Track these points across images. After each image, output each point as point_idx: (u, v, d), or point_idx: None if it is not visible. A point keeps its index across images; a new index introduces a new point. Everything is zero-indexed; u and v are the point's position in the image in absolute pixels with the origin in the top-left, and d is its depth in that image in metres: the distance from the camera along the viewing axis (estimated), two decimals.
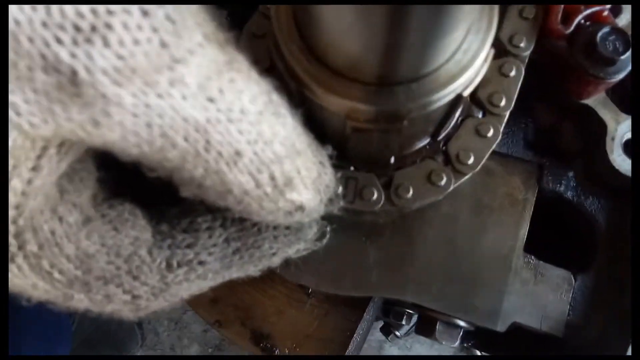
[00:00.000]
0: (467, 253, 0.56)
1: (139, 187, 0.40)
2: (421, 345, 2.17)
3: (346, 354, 0.63)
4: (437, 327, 0.55)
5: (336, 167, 0.47)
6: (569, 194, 0.58)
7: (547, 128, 0.58)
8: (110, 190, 0.36)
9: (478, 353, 2.05)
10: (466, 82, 0.37)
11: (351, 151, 0.46)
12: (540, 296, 0.55)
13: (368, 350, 2.15)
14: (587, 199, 0.58)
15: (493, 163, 0.58)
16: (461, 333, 0.56)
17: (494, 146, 0.48)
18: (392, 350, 2.18)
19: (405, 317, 0.63)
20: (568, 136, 0.58)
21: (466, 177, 0.47)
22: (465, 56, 0.36)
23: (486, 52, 0.37)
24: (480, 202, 0.57)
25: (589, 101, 0.54)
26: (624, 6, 0.55)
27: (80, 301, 0.32)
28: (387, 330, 1.02)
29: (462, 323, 0.56)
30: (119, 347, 2.17)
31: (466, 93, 0.37)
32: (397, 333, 1.05)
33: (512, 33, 0.49)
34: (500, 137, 0.48)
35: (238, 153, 0.30)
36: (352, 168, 0.48)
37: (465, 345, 0.83)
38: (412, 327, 0.95)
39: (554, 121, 0.58)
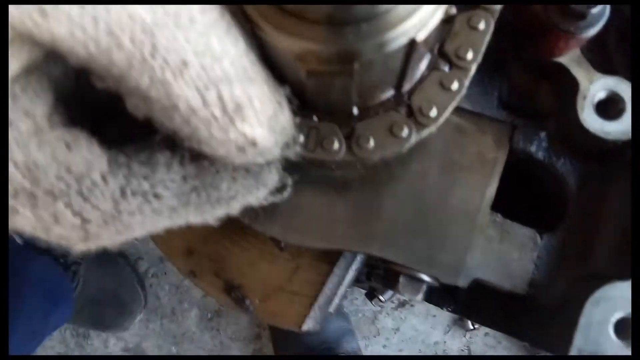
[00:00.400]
0: (434, 209, 0.57)
1: (99, 125, 0.41)
2: (415, 317, 2.21)
3: (315, 306, 0.64)
4: (400, 280, 0.56)
5: (299, 116, 0.48)
6: (540, 155, 0.57)
7: (523, 88, 0.58)
8: (68, 119, 0.37)
9: (470, 327, 2.07)
10: (418, 24, 0.36)
11: (312, 100, 0.46)
12: (504, 254, 0.56)
13: (362, 320, 2.19)
14: (558, 160, 0.57)
15: (466, 122, 0.58)
16: (425, 288, 0.57)
17: (457, 99, 0.47)
18: (386, 321, 2.22)
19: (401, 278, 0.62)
20: (543, 96, 0.57)
21: (428, 129, 0.47)
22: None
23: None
24: (450, 160, 0.58)
25: (563, 59, 0.53)
26: None
27: (25, 219, 0.33)
28: (371, 295, 1.04)
29: (425, 278, 0.57)
30: (122, 308, 2.23)
31: (420, 37, 0.37)
32: (381, 297, 1.07)
33: None
34: (464, 90, 0.47)
35: (184, 63, 0.30)
36: (315, 118, 0.48)
37: (446, 309, 0.85)
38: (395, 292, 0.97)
39: (529, 81, 0.57)
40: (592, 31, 0.47)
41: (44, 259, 1.88)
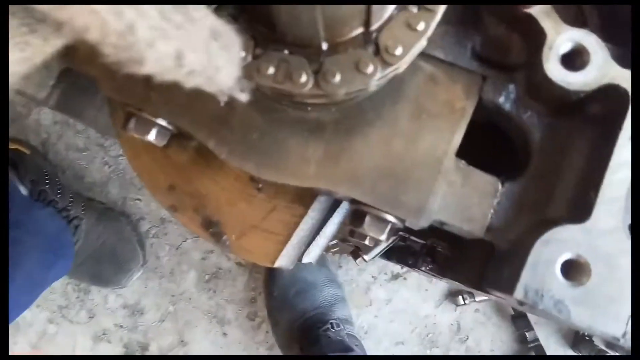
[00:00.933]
0: (402, 153, 0.59)
1: None
2: (408, 290, 2.25)
3: (288, 245, 0.68)
4: (365, 219, 0.59)
5: (272, 50, 0.50)
6: (508, 107, 0.59)
7: (496, 40, 0.59)
8: None
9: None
10: None
11: (283, 33, 0.48)
12: (465, 198, 0.58)
13: (356, 290, 2.23)
14: (525, 112, 0.59)
15: (438, 70, 0.60)
16: (389, 227, 0.60)
17: (423, 40, 0.49)
18: (378, 292, 2.26)
19: (368, 238, 0.64)
20: (514, 48, 0.59)
21: (393, 67, 0.50)
22: None
23: None
24: (421, 108, 0.60)
25: (533, 11, 0.54)
26: None
27: None
28: (355, 254, 1.07)
29: (390, 218, 0.59)
30: (121, 264, 2.29)
31: None
32: (365, 257, 1.10)
33: None
34: (430, 31, 0.49)
35: None
36: (286, 51, 0.50)
37: (424, 269, 0.88)
38: (380, 252, 1.00)
39: (502, 33, 0.59)
40: None
41: (48, 210, 1.93)
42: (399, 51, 0.49)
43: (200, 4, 0.39)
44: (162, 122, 0.63)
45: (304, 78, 0.49)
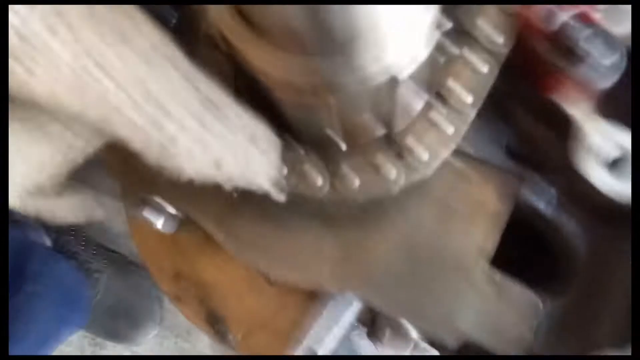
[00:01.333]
0: (427, 259, 0.53)
1: None
2: None
3: (299, 349, 0.61)
4: (386, 333, 0.53)
5: (287, 149, 0.46)
6: (549, 213, 0.53)
7: (533, 140, 0.54)
8: None
9: None
10: (400, 61, 0.34)
11: (299, 132, 0.45)
12: (501, 316, 0.51)
13: None
14: (568, 220, 0.53)
15: (469, 168, 0.55)
16: (412, 345, 0.53)
17: (452, 145, 0.45)
18: None
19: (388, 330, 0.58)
20: (554, 150, 0.53)
21: (419, 173, 0.45)
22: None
23: (426, 26, 0.34)
24: (449, 208, 0.54)
25: (575, 112, 0.49)
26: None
27: None
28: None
29: (414, 334, 0.53)
30: (138, 321, 2.23)
31: (402, 76, 0.35)
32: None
33: (489, 27, 0.46)
34: (460, 137, 0.45)
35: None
36: (302, 151, 0.46)
37: None
38: None
39: (539, 131, 0.54)
40: (604, 84, 0.44)
41: (71, 263, 1.92)
42: (424, 156, 0.44)
43: None
44: (171, 209, 0.59)
45: (319, 181, 0.45)
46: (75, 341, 2.25)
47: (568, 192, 0.53)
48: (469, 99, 0.45)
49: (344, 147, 0.45)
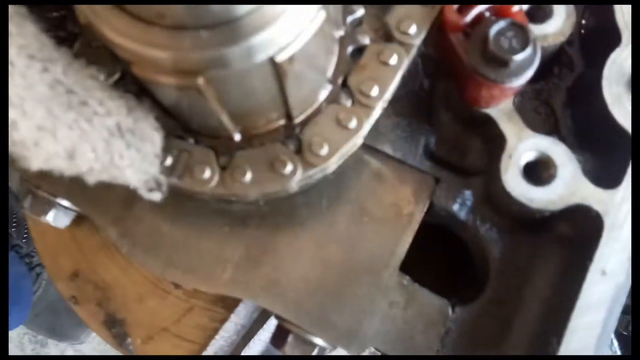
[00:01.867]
0: (336, 262, 0.50)
1: None
2: None
3: (204, 355, 0.57)
4: (287, 339, 0.49)
5: (177, 137, 0.42)
6: (463, 216, 0.51)
7: (451, 139, 0.52)
8: None
9: None
10: (277, 40, 0.31)
11: (186, 119, 0.40)
12: (407, 324, 0.48)
13: None
14: (483, 224, 0.50)
15: (386, 168, 0.52)
16: (316, 350, 0.49)
17: (354, 140, 0.41)
18: None
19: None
20: (471, 151, 0.51)
21: (317, 169, 0.41)
22: (274, 7, 0.30)
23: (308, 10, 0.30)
24: (363, 209, 0.51)
25: (492, 111, 0.47)
26: (555, 8, 0.48)
27: None
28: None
29: (318, 341, 0.49)
30: (79, 319, 2.14)
31: (281, 57, 0.31)
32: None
33: (401, 17, 0.43)
34: (363, 131, 0.41)
35: None
36: (191, 140, 0.42)
37: None
38: None
39: (457, 132, 0.51)
40: (517, 82, 0.41)
41: (10, 255, 1.81)
42: (324, 151, 0.41)
43: None
44: (64, 202, 0.54)
45: (207, 174, 0.41)
46: (14, 337, 2.13)
47: (484, 195, 0.50)
48: (373, 91, 0.41)
49: (237, 137, 0.41)
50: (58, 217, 0.54)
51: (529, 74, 0.41)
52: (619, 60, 0.47)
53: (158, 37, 0.29)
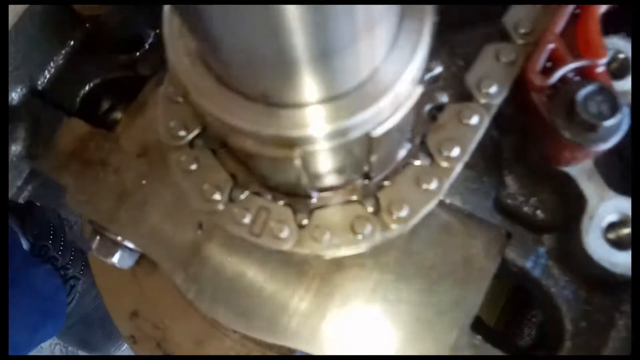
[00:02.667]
0: (402, 320, 0.49)
1: None
2: None
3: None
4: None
5: (255, 194, 0.42)
6: (537, 273, 0.49)
7: (523, 193, 0.50)
8: None
9: None
10: (377, 118, 0.30)
11: (265, 176, 0.40)
12: None
13: None
14: (556, 283, 0.49)
15: (455, 221, 0.51)
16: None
17: (434, 201, 0.41)
18: None
19: None
20: (545, 206, 0.50)
21: (396, 231, 0.40)
22: (375, 85, 0.30)
23: (408, 80, 0.30)
24: (431, 263, 0.50)
25: (571, 169, 0.45)
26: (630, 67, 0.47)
27: None
28: None
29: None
30: (112, 332, 2.16)
31: (377, 132, 0.31)
32: None
33: (481, 76, 0.42)
34: (443, 191, 0.41)
35: None
36: (269, 197, 0.42)
37: None
38: None
39: (531, 186, 0.50)
40: (604, 146, 0.40)
41: (45, 268, 1.85)
42: (404, 213, 0.40)
43: None
44: (129, 244, 0.54)
45: (285, 233, 0.40)
46: (46, 347, 2.17)
47: (559, 253, 0.48)
48: (454, 152, 0.41)
49: (315, 195, 0.41)
50: (123, 259, 0.55)
51: (617, 138, 0.40)
52: None
53: (263, 115, 0.29)
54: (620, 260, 0.43)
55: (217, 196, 0.41)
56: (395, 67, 0.30)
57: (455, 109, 0.42)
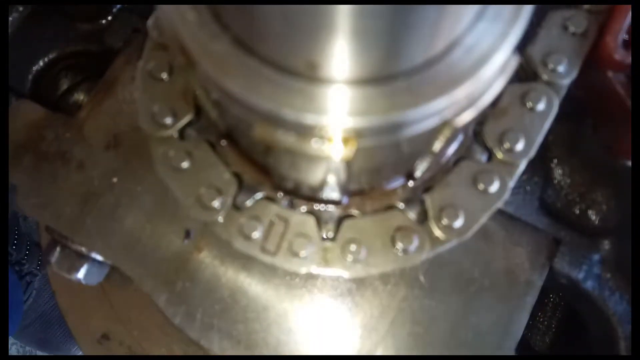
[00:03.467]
0: (437, 340, 0.41)
1: None
2: None
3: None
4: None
5: (267, 199, 0.32)
6: (589, 284, 0.42)
7: (575, 191, 0.43)
8: None
9: None
10: (459, 103, 0.22)
11: (279, 174, 0.31)
12: None
13: None
14: (612, 294, 0.42)
15: (494, 225, 0.43)
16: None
17: (496, 207, 0.32)
18: None
19: None
20: (600, 207, 0.42)
21: (448, 245, 0.32)
22: (465, 57, 0.21)
23: (504, 55, 0.21)
24: (468, 275, 0.42)
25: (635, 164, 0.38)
26: None
27: None
28: None
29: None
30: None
31: (460, 123, 0.22)
32: None
33: (548, 50, 0.34)
34: (507, 194, 0.32)
35: None
36: (285, 202, 0.32)
37: None
38: None
39: (584, 183, 0.42)
40: None
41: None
42: (459, 222, 0.32)
43: None
44: (98, 256, 0.44)
45: (307, 250, 0.31)
46: None
47: (615, 261, 0.42)
48: (518, 145, 0.32)
49: (345, 200, 0.32)
50: (90, 274, 0.45)
51: None
52: None
53: (307, 96, 0.20)
54: None
55: (217, 202, 0.31)
56: (490, 37, 0.21)
57: (518, 91, 0.33)
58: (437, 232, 0.32)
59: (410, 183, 0.33)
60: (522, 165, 0.33)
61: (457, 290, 0.42)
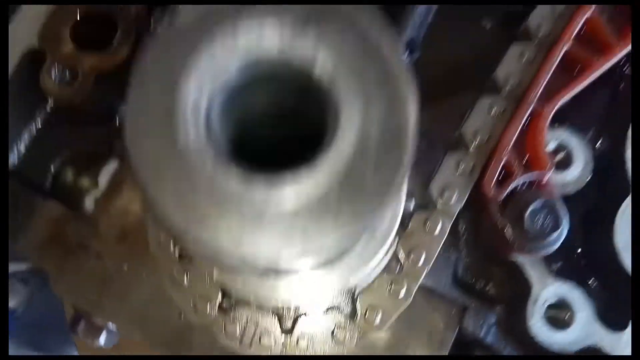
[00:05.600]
0: None
1: None
2: None
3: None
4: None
5: (243, 304, 0.45)
6: (489, 340, 0.56)
7: (477, 271, 0.57)
8: None
9: None
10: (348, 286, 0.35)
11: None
12: None
13: None
14: (505, 347, 0.56)
15: (419, 296, 0.56)
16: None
17: (403, 306, 0.46)
18: None
19: None
20: (496, 283, 0.56)
21: (370, 335, 0.46)
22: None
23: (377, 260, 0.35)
24: (398, 335, 0.56)
25: (520, 259, 0.52)
26: (575, 156, 0.53)
27: None
28: None
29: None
30: (68, 335, 2.13)
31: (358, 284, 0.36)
32: None
33: (443, 186, 0.47)
34: (411, 296, 0.46)
35: None
36: (255, 305, 0.46)
37: None
38: None
39: (483, 266, 0.56)
40: (547, 251, 0.47)
41: None
42: (377, 320, 0.45)
43: None
44: (114, 326, 0.57)
45: (270, 341, 0.45)
46: None
47: (507, 324, 0.55)
48: (422, 260, 0.46)
49: (302, 310, 0.45)
50: (109, 339, 0.57)
51: (557, 244, 0.47)
52: (629, 210, 0.52)
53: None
54: (558, 340, 0.50)
55: (207, 308, 0.44)
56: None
57: (421, 218, 0.47)
58: (364, 327, 0.45)
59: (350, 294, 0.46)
60: (424, 273, 0.47)
61: (389, 349, 0.55)
